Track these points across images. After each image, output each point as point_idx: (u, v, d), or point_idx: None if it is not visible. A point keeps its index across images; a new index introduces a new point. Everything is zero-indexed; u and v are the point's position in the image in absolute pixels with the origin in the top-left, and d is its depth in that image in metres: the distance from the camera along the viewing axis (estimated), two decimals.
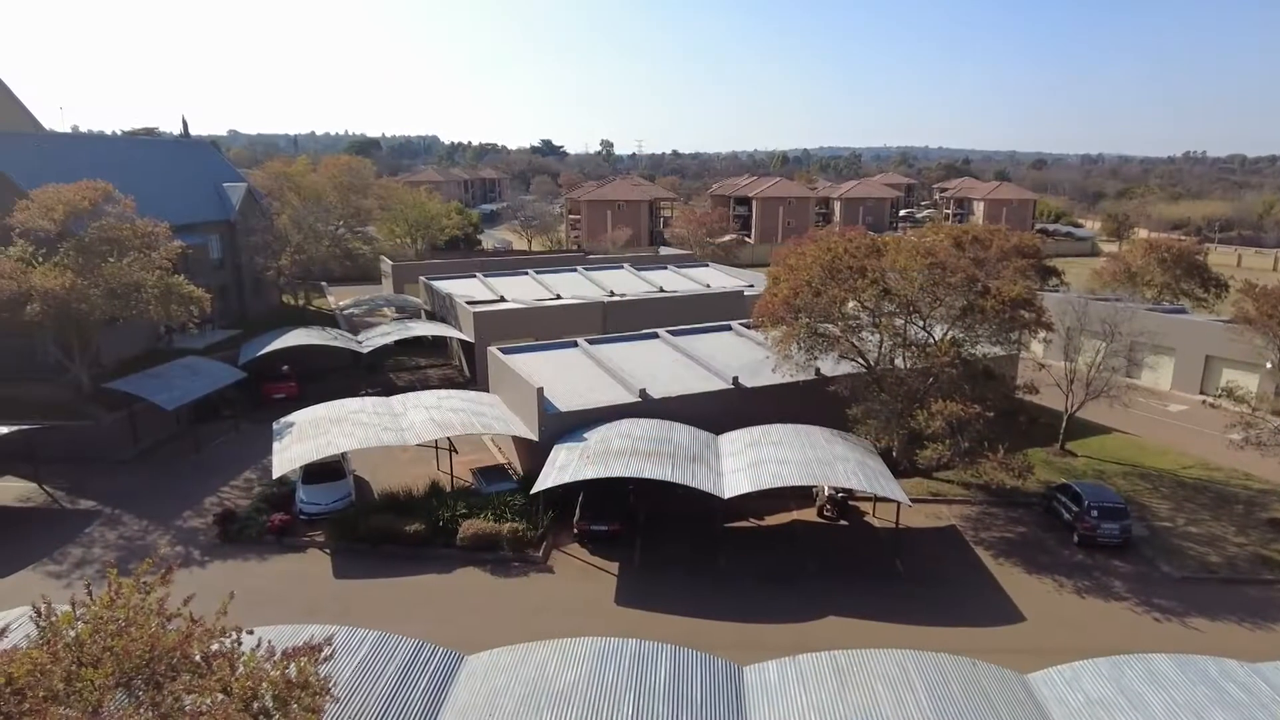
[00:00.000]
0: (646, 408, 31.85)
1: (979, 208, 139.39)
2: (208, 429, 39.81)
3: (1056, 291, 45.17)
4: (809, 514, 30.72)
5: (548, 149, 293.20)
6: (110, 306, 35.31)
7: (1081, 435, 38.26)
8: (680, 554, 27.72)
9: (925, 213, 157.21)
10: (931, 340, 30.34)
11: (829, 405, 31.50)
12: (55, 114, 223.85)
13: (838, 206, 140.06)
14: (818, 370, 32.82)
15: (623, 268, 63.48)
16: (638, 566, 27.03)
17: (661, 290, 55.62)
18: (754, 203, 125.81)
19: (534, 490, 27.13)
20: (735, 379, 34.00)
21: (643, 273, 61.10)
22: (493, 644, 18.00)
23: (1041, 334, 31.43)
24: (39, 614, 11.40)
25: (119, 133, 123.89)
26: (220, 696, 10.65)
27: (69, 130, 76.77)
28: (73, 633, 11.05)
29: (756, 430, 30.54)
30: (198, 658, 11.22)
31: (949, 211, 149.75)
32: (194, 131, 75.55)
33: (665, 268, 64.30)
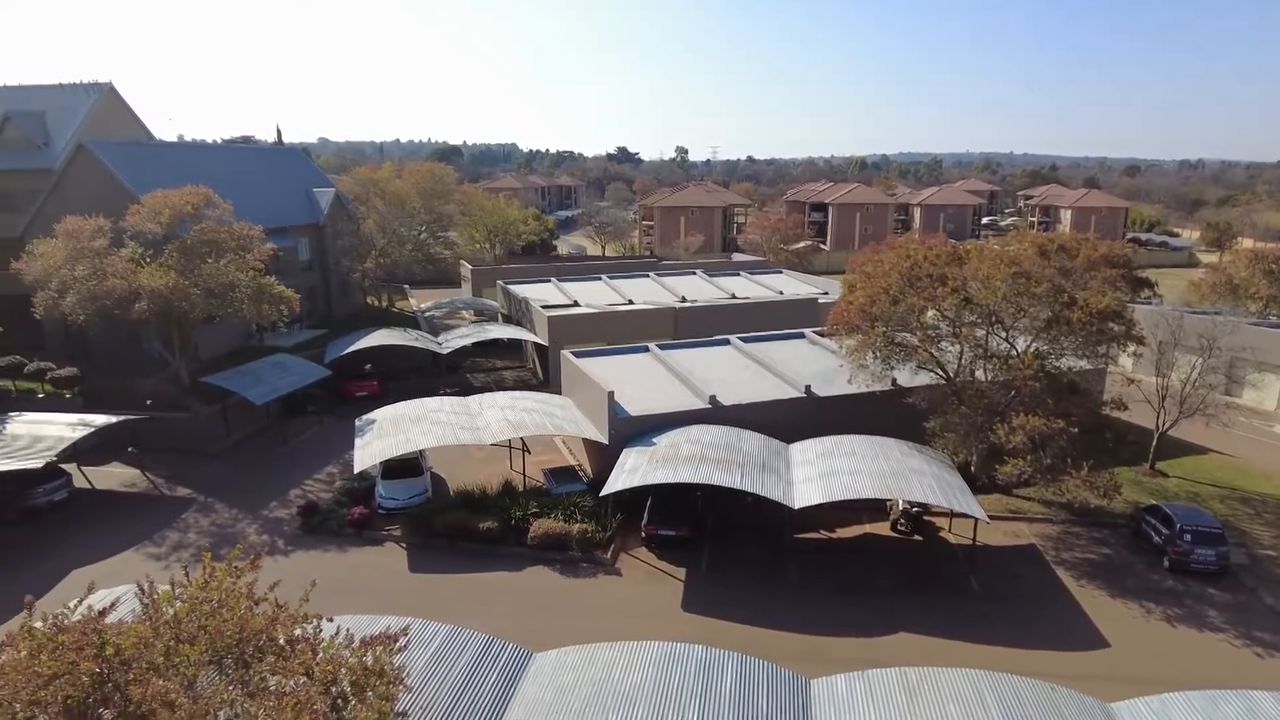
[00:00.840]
0: (716, 414, 31.78)
1: (1066, 216, 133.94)
2: (294, 424, 41.56)
3: (1149, 304, 43.13)
4: (881, 528, 30.10)
5: (623, 156, 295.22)
6: (208, 305, 37.27)
7: (1174, 455, 36.37)
8: (748, 562, 27.54)
9: (1009, 221, 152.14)
10: (1014, 352, 29.39)
11: (905, 417, 30.82)
12: (164, 124, 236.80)
13: (917, 213, 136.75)
14: (894, 381, 32.17)
15: (695, 274, 63.47)
16: (705, 573, 26.98)
17: (734, 296, 55.39)
18: (830, 209, 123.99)
19: (603, 493, 27.41)
20: (808, 388, 33.60)
21: (715, 279, 60.96)
22: (560, 643, 18.27)
23: (1132, 348, 30.09)
24: (143, 591, 12.15)
25: (219, 140, 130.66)
26: (302, 679, 11.11)
27: (175, 139, 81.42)
28: (171, 611, 11.72)
29: (829, 440, 30.11)
30: (282, 641, 11.73)
31: (1034, 219, 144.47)
32: (287, 139, 79.06)
33: (738, 274, 63.99)
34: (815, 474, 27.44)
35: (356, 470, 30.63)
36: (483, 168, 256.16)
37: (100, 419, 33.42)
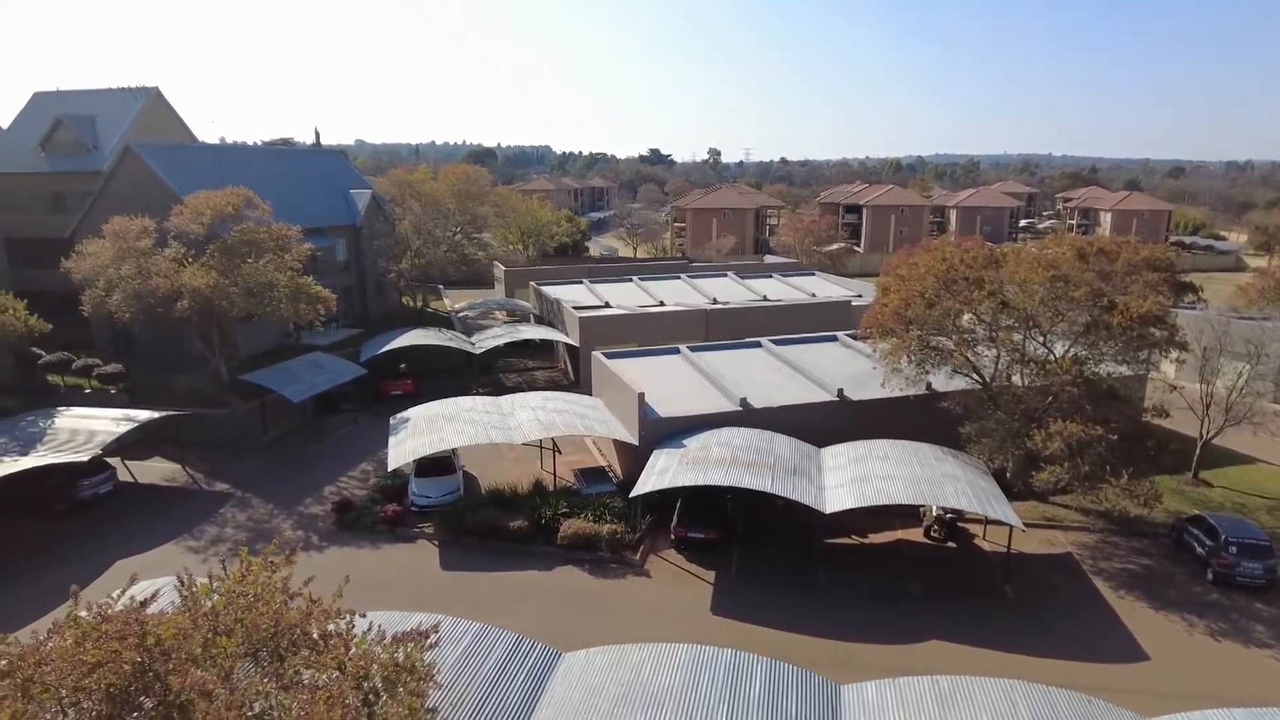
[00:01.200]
0: (747, 417, 31.66)
1: (1106, 219, 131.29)
2: (330, 421, 42.20)
3: (1193, 309, 42.12)
4: (915, 534, 29.75)
5: (655, 158, 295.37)
6: (247, 304, 37.97)
7: (1218, 464, 35.43)
8: (778, 567, 27.39)
9: (1047, 223, 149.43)
10: (1052, 357, 28.87)
11: (940, 422, 30.43)
12: (207, 126, 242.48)
13: (953, 215, 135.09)
14: (928, 385, 31.78)
15: (726, 275, 63.29)
16: (735, 576, 26.88)
17: (765, 299, 55.13)
18: (864, 210, 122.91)
19: (633, 494, 27.44)
20: (840, 391, 33.33)
21: (747, 281, 60.74)
22: (589, 643, 18.33)
23: (1174, 354, 29.38)
24: (183, 584, 12.43)
25: (260, 143, 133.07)
26: (335, 674, 11.28)
27: (218, 141, 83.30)
28: (209, 604, 11.97)
29: (862, 445, 29.83)
30: (316, 635, 11.91)
31: (1073, 222, 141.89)
32: (325, 141, 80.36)
33: (770, 276, 63.68)
34: (847, 478, 27.21)
35: (390, 468, 31.02)
36: (516, 170, 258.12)
37: (143, 414, 34.23)
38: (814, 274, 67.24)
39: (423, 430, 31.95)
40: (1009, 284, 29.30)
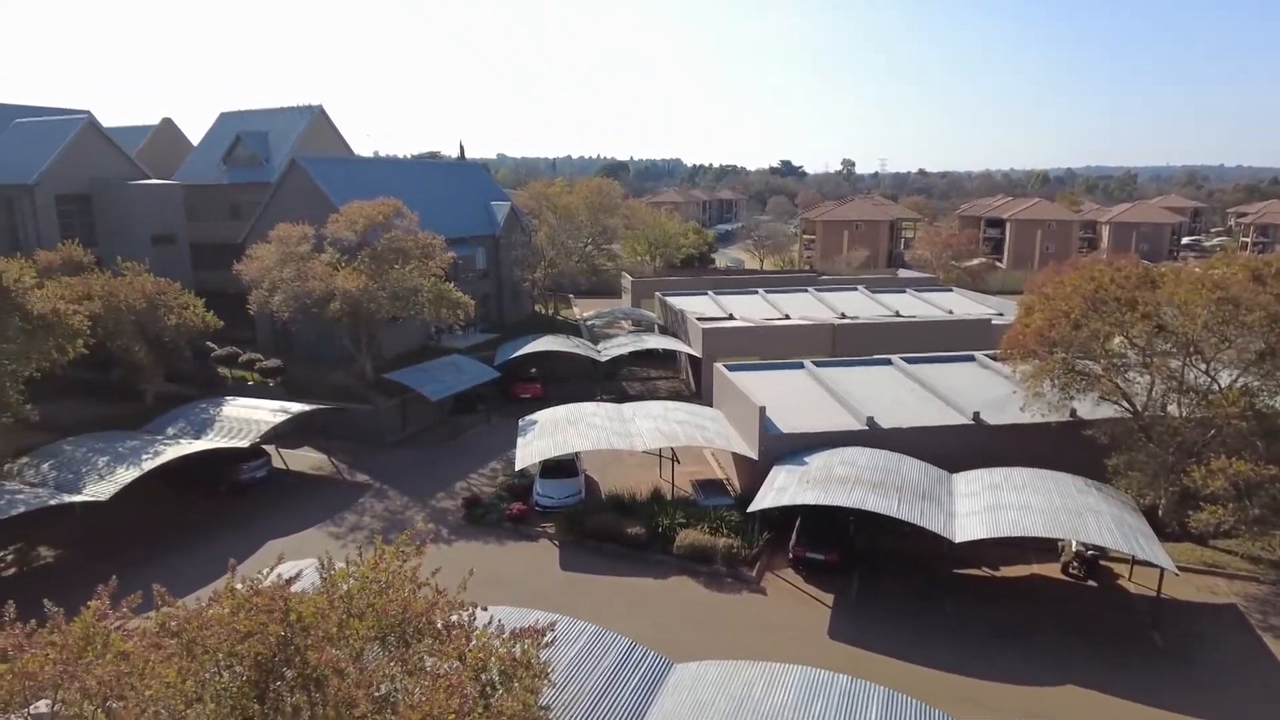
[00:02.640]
0: (873, 437, 30.70)
1: None
2: (464, 420, 44.20)
3: None
4: (1051, 569, 27.87)
5: (786, 169, 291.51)
6: (393, 307, 40.52)
7: None
8: (901, 594, 26.35)
9: (1215, 240, 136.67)
10: (1215, 387, 26.43)
11: (1084, 452, 28.42)
12: (362, 140, 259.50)
13: (1106, 231, 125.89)
14: (1073, 412, 29.78)
15: (856, 290, 61.67)
16: (854, 600, 26.08)
17: (898, 315, 53.30)
18: (1007, 225, 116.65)
19: (751, 509, 27.18)
20: (976, 414, 31.75)
21: (878, 296, 58.93)
22: (701, 655, 18.30)
23: None
24: (323, 566, 13.36)
25: (409, 156, 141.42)
26: (455, 663, 11.77)
27: (371, 154, 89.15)
28: (345, 587, 12.79)
29: (998, 472, 28.27)
30: (439, 625, 12.45)
31: (1247, 240, 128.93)
32: (468, 155, 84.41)
33: (904, 291, 61.51)
34: (980, 507, 25.86)
35: (518, 468, 32.14)
36: (647, 183, 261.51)
37: (296, 407, 37.04)
38: (951, 290, 64.42)
39: (549, 433, 32.93)
40: (1167, 306, 27.10)
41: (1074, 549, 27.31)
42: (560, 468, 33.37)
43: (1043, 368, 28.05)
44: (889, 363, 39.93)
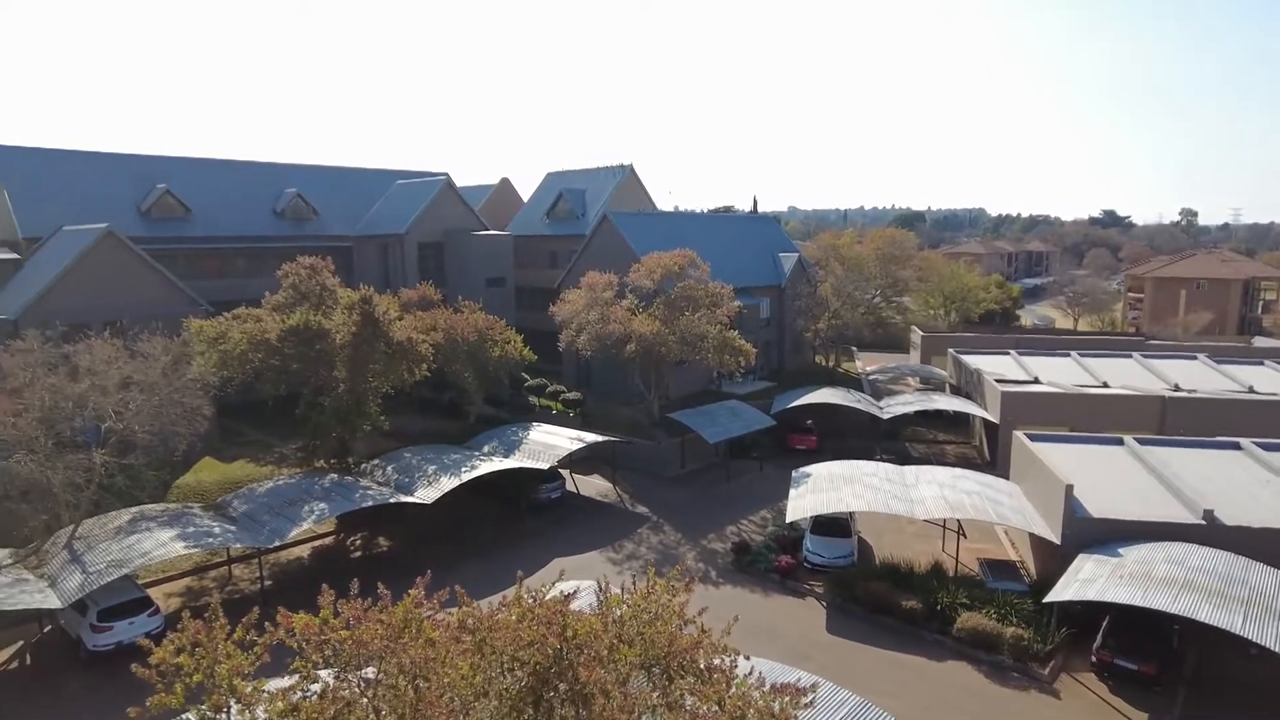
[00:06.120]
0: (1212, 534, 25.93)
1: None
2: (738, 465, 44.84)
3: None
4: None
5: (1109, 219, 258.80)
6: (681, 351, 42.75)
7: None
8: None
9: None
10: None
11: None
12: (665, 196, 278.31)
13: None
14: None
15: (1196, 359, 52.88)
16: None
17: (1251, 390, 44.77)
18: None
19: (1048, 598, 24.23)
20: None
21: (1225, 367, 50.01)
22: None
23: None
24: (600, 589, 14.27)
25: (705, 210, 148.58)
26: (714, 707, 11.87)
27: (671, 209, 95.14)
28: (619, 612, 13.49)
29: None
30: (702, 665, 12.64)
31: None
32: (761, 208, 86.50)
33: (1261, 363, 51.61)
34: None
35: (788, 520, 31.81)
36: (945, 233, 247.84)
37: (591, 436, 40.18)
38: None
39: (823, 488, 32.21)
40: None
41: None
42: (833, 525, 32.40)
43: None
44: (1237, 446, 33.66)
